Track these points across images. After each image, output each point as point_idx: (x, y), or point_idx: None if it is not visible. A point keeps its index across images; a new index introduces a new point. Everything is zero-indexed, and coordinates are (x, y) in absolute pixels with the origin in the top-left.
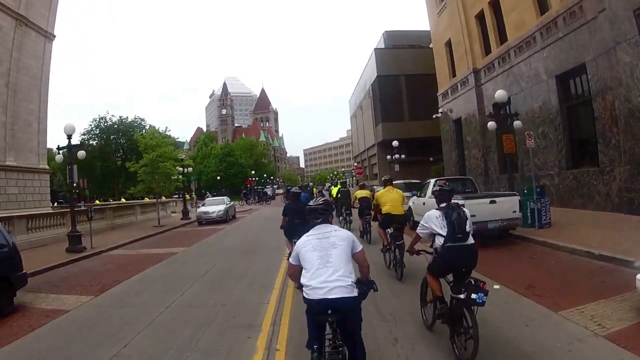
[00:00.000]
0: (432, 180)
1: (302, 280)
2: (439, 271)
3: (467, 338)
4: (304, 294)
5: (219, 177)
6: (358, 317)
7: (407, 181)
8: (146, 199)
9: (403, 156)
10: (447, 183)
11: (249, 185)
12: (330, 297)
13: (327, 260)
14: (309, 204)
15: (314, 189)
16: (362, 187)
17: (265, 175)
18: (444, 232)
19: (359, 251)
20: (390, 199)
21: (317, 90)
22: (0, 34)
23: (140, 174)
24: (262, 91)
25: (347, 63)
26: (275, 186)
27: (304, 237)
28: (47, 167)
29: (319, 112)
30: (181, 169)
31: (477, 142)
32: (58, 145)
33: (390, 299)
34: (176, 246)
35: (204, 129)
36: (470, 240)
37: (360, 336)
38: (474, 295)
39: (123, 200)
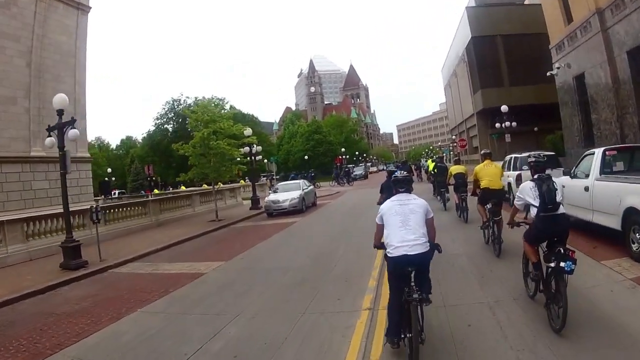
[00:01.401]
0: (599, 150)
1: (385, 240)
2: (532, 239)
3: (559, 306)
4: (387, 253)
5: (306, 157)
6: (428, 266)
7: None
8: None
9: (514, 124)
10: (541, 154)
11: (338, 164)
12: (411, 253)
13: (407, 223)
14: (395, 174)
15: (412, 167)
16: (457, 162)
17: (357, 152)
18: (536, 202)
19: (430, 217)
20: (488, 173)
21: (408, 63)
22: (16, 9)
23: (191, 156)
24: (351, 67)
25: (437, 32)
26: (368, 164)
27: (388, 202)
28: (86, 155)
29: (411, 86)
30: (247, 148)
31: (609, 102)
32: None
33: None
34: (214, 258)
35: (293, 108)
36: (561, 210)
37: (429, 278)
38: (562, 264)
39: (183, 188)
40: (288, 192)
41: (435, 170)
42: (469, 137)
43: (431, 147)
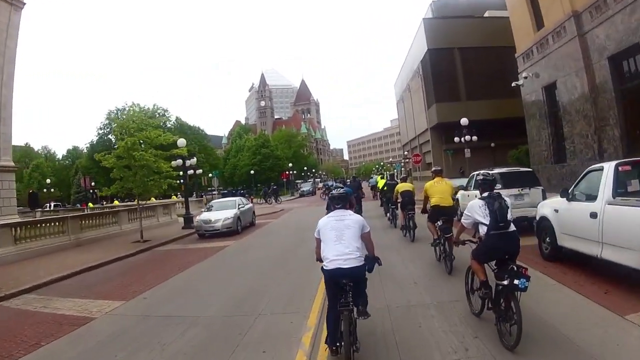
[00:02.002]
0: (609, 165)
1: (322, 254)
2: (482, 257)
3: (511, 324)
4: (323, 266)
5: (252, 172)
6: (364, 281)
7: (508, 170)
8: (153, 200)
9: (475, 138)
10: (490, 173)
11: (284, 180)
12: (344, 267)
13: (341, 237)
14: (332, 192)
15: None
16: (404, 180)
17: (305, 168)
18: (486, 220)
19: (366, 232)
20: (439, 190)
21: (359, 80)
22: None
23: (115, 168)
24: (302, 82)
25: (391, 49)
26: (317, 180)
27: (324, 218)
28: (10, 164)
29: (362, 103)
30: (180, 161)
31: (585, 114)
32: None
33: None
34: (115, 296)
35: (243, 122)
36: (512, 228)
37: (364, 292)
38: (516, 281)
39: (116, 202)
40: (222, 211)
41: (385, 188)
42: (422, 153)
43: (382, 164)
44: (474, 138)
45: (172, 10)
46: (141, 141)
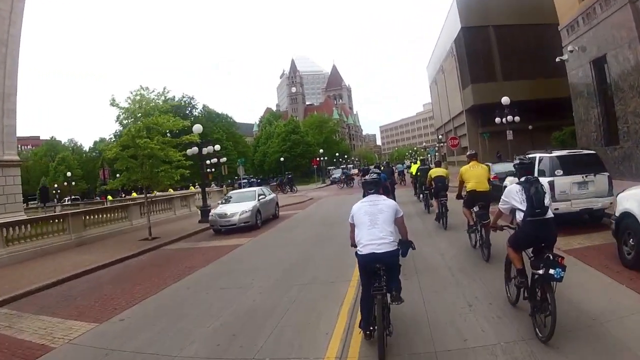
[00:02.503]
0: None
1: (356, 239)
2: (518, 244)
3: (546, 315)
4: (357, 251)
5: (282, 159)
6: (397, 266)
7: (569, 152)
8: (170, 191)
9: (517, 119)
10: (526, 157)
11: (315, 167)
12: (378, 251)
13: (375, 222)
14: (365, 178)
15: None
16: (438, 165)
17: (337, 154)
18: (523, 206)
19: (399, 217)
20: (475, 174)
21: (392, 62)
22: None
23: (119, 159)
24: (334, 68)
25: (423, 29)
26: (350, 166)
27: (358, 203)
28: (14, 158)
29: (395, 87)
30: (195, 149)
31: None
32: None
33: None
34: (91, 315)
35: (274, 109)
36: (549, 215)
37: (398, 277)
38: (551, 271)
39: (134, 194)
40: (239, 204)
41: (419, 174)
42: (457, 137)
43: (415, 148)
44: (516, 119)
45: (172, 11)
46: (147, 128)
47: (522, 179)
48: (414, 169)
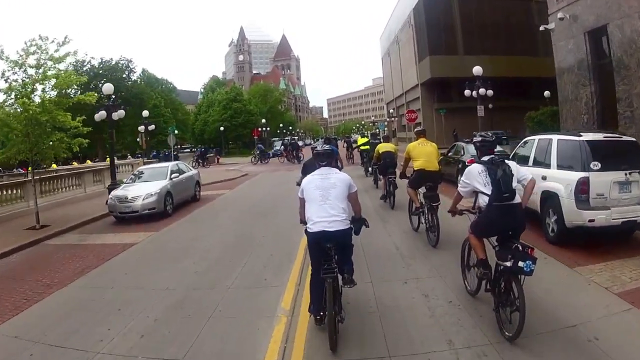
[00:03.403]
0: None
1: (306, 215)
2: (482, 231)
3: (512, 310)
4: (307, 228)
5: (222, 128)
6: (350, 245)
7: (606, 137)
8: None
9: (490, 92)
10: (489, 134)
11: (255, 138)
12: (329, 229)
13: (327, 198)
14: (316, 149)
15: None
16: (387, 140)
17: (281, 125)
18: (487, 190)
19: (353, 192)
20: (424, 152)
21: (342, 37)
22: None
23: None
24: (283, 37)
25: (378, 2)
26: (295, 138)
27: (309, 176)
28: None
29: (345, 60)
30: (103, 113)
31: None
32: None
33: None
34: None
35: (220, 77)
36: (517, 199)
37: (350, 258)
38: (521, 263)
39: (75, 164)
40: (145, 184)
41: (368, 147)
42: (405, 113)
43: (363, 123)
44: (489, 92)
45: None
46: (34, 84)
47: (486, 158)
48: (361, 141)
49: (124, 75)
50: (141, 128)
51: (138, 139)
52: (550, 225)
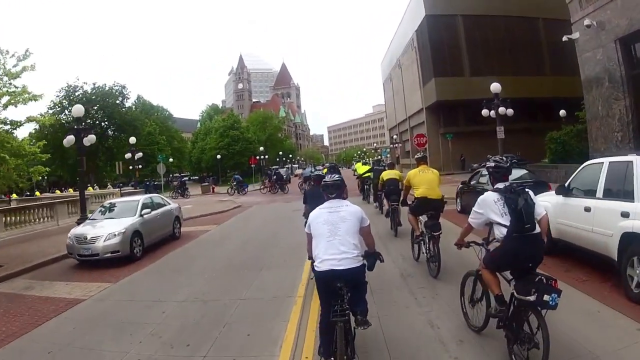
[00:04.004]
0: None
1: (313, 251)
2: (499, 265)
3: (530, 347)
4: (315, 267)
5: (219, 156)
6: (363, 283)
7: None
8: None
9: (510, 111)
10: (503, 159)
11: (252, 165)
12: (338, 268)
13: (336, 232)
14: (325, 179)
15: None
16: (392, 167)
17: (280, 153)
18: (505, 220)
19: (365, 226)
20: (425, 179)
21: (344, 61)
22: None
23: None
24: (283, 65)
25: (376, 32)
26: (295, 165)
27: (317, 210)
28: None
29: (346, 88)
30: (72, 137)
31: None
32: None
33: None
34: None
35: (220, 106)
36: (537, 229)
37: (364, 298)
38: (546, 297)
39: (37, 194)
40: (110, 222)
41: (371, 174)
42: (413, 138)
43: (364, 150)
44: (509, 112)
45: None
46: None
47: (500, 185)
48: (361, 169)
49: (118, 102)
50: (128, 155)
51: (117, 169)
52: (635, 278)
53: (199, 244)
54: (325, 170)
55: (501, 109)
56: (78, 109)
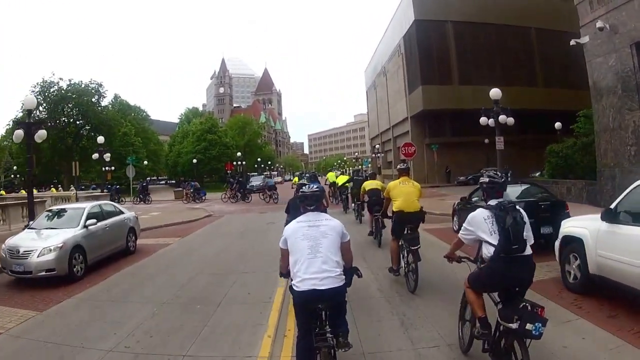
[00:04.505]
0: None
1: (292, 270)
2: (483, 286)
3: None
4: (293, 286)
5: (195, 160)
6: (344, 302)
7: None
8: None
9: (511, 120)
10: (498, 174)
11: (227, 171)
12: (320, 288)
13: (317, 249)
14: (302, 190)
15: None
16: (373, 177)
17: (259, 159)
18: (493, 239)
19: (345, 241)
20: (403, 191)
21: (324, 73)
22: None
23: None
24: (265, 71)
25: (361, 41)
26: (274, 173)
27: (293, 223)
28: None
29: (327, 97)
30: (21, 132)
31: None
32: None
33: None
34: None
35: (200, 109)
36: (528, 251)
37: (345, 318)
38: (529, 326)
39: (3, 192)
40: (47, 233)
41: (351, 184)
42: (396, 148)
43: (345, 159)
44: (509, 120)
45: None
46: None
47: (492, 202)
48: (339, 179)
49: (94, 100)
50: (95, 156)
51: (73, 171)
52: None
53: (151, 263)
54: (296, 179)
55: (501, 117)
56: (30, 101)
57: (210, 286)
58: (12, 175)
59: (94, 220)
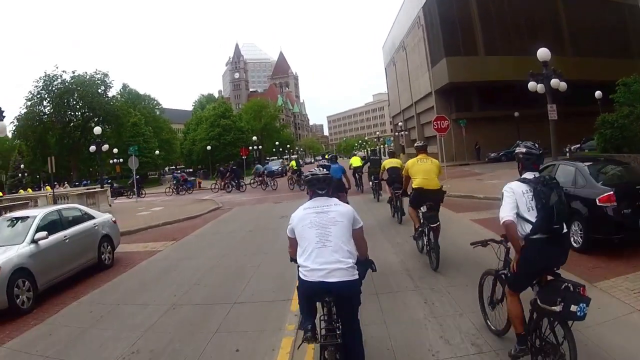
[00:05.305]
0: None
1: (299, 260)
2: (526, 277)
3: (555, 359)
4: (301, 274)
5: (209, 147)
6: (357, 300)
7: None
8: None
9: (564, 84)
10: (536, 145)
11: (242, 157)
12: (329, 280)
13: (326, 239)
14: (310, 171)
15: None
16: (392, 156)
17: (277, 143)
18: (530, 216)
19: (357, 228)
20: (422, 169)
21: (341, 52)
22: None
23: None
24: (281, 54)
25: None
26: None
27: (300, 210)
28: None
29: (344, 76)
30: None
31: None
32: None
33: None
34: None
35: (217, 96)
36: (565, 229)
37: (357, 319)
38: (573, 307)
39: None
40: None
41: (369, 164)
42: (420, 125)
43: (366, 139)
44: (562, 85)
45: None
46: None
47: (530, 175)
48: (355, 161)
49: (100, 90)
50: (92, 148)
51: (49, 167)
52: None
53: (128, 281)
54: (293, 163)
55: (553, 82)
56: None
57: (186, 328)
58: (20, 175)
59: (45, 233)
